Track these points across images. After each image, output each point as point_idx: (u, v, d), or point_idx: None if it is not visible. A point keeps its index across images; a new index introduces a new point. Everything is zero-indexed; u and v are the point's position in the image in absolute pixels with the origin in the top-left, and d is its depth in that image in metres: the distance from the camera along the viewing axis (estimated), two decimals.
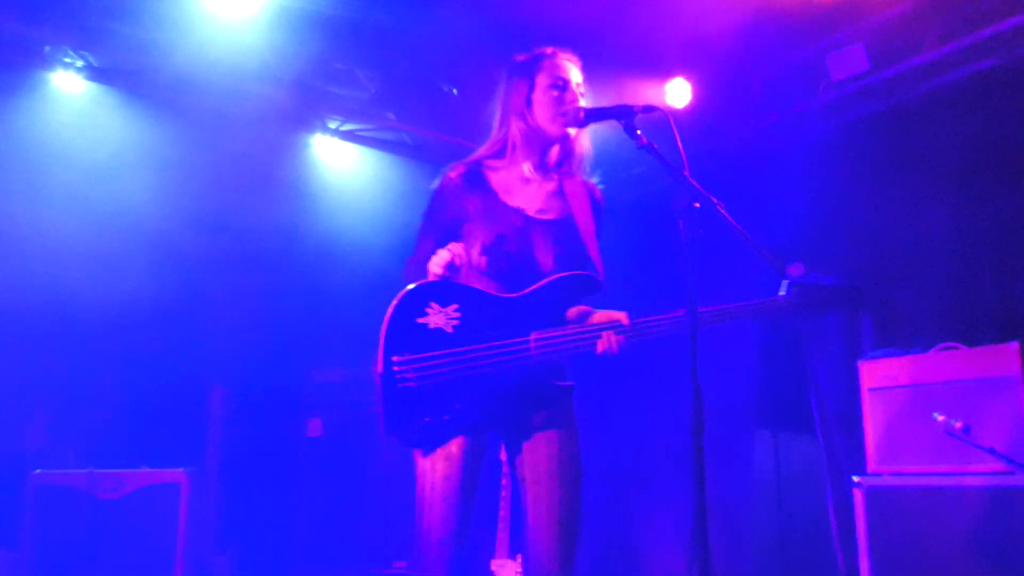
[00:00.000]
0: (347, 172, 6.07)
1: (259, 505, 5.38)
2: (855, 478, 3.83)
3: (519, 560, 4.74)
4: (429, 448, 2.31)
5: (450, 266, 2.31)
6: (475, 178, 2.55)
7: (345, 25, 4.79)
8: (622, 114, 2.36)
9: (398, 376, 2.25)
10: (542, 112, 2.55)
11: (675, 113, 5.10)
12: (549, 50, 2.64)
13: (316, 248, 5.77)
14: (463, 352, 2.30)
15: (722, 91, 5.19)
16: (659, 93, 5.13)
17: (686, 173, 2.22)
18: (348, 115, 5.82)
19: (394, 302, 2.31)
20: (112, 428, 4.83)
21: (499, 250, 2.45)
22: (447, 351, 2.29)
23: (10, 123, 4.86)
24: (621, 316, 2.36)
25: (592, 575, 5.83)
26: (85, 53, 4.96)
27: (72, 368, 4.85)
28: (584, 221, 2.53)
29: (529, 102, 2.58)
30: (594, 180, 2.67)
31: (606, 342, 2.31)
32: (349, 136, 6.00)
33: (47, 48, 4.87)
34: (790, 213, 4.88)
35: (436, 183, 2.58)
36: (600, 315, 2.40)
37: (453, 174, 2.57)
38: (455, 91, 5.50)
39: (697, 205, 2.17)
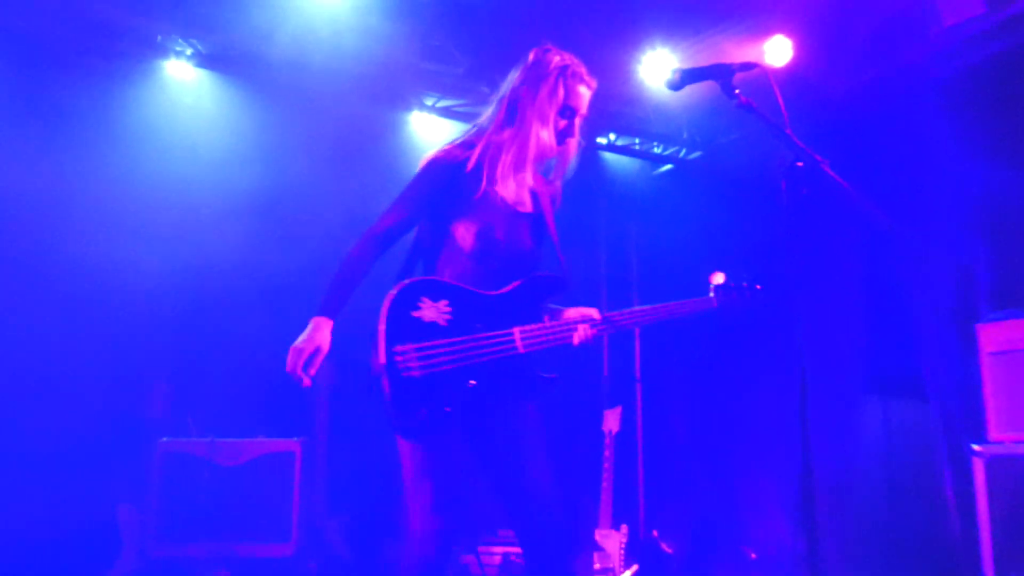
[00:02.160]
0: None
1: (367, 473, 5.55)
2: (975, 447, 3.69)
3: (623, 530, 4.77)
4: (431, 438, 2.34)
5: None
6: (470, 161, 2.54)
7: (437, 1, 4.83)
8: (720, 74, 2.32)
9: (401, 366, 2.29)
10: (549, 128, 2.57)
11: (776, 71, 4.95)
12: (575, 65, 2.62)
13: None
14: (459, 342, 2.36)
15: (825, 46, 5.00)
16: (759, 52, 4.98)
17: (788, 131, 2.16)
18: (444, 91, 5.88)
19: (390, 295, 2.36)
20: (229, 398, 5.08)
21: (488, 236, 2.50)
22: (446, 340, 2.35)
23: (128, 110, 5.13)
24: (593, 312, 2.54)
25: (698, 544, 5.80)
26: (194, 41, 5.17)
27: (192, 342, 5.11)
28: (550, 218, 2.65)
29: (546, 111, 2.57)
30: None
31: (582, 334, 2.46)
32: (446, 112, 6.07)
33: (159, 37, 5.10)
34: (901, 170, 4.68)
35: (429, 156, 2.58)
36: (573, 311, 2.57)
37: (450, 152, 2.57)
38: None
39: (800, 164, 2.12)
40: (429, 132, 6.08)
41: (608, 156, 6.88)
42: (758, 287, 2.65)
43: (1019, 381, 3.66)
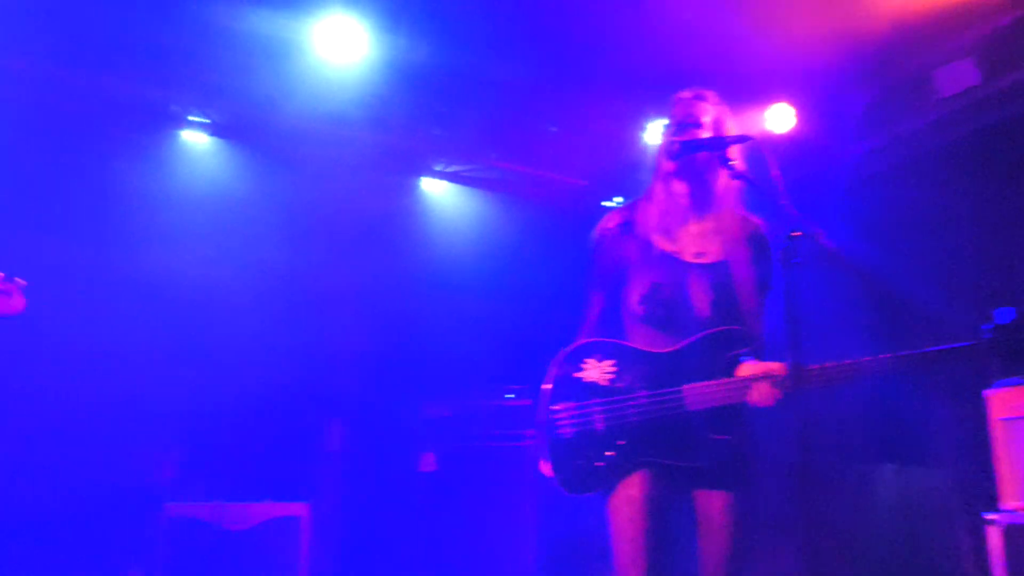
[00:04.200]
0: (454, 211, 6.24)
1: (375, 538, 5.51)
2: (990, 515, 3.62)
3: None
4: (584, 491, 2.42)
5: None
6: (630, 224, 2.60)
7: (444, 70, 4.94)
8: (715, 145, 2.39)
9: (557, 423, 2.41)
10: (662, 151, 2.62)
11: (778, 139, 5.02)
12: (682, 93, 2.66)
13: (427, 285, 5.93)
14: (615, 401, 2.41)
15: (826, 114, 5.08)
16: (761, 119, 5.07)
17: (783, 202, 2.19)
18: (453, 157, 6.00)
19: (557, 357, 2.49)
20: (235, 461, 5.08)
21: (655, 298, 2.50)
22: (599, 400, 2.42)
23: (146, 177, 5.24)
24: (778, 367, 2.27)
25: None
26: (208, 110, 5.31)
27: (201, 404, 5.13)
28: (739, 264, 2.48)
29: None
30: (754, 215, 2.59)
31: (758, 393, 2.28)
32: (455, 177, 6.18)
33: (174, 107, 5.24)
34: (902, 238, 4.70)
35: (593, 234, 2.65)
36: (754, 366, 2.33)
37: (609, 223, 2.64)
38: (554, 128, 5.61)
39: (797, 235, 2.14)
40: (439, 196, 6.19)
41: None
42: None
43: None
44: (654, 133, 5.62)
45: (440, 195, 6.23)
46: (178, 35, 4.62)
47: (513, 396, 5.55)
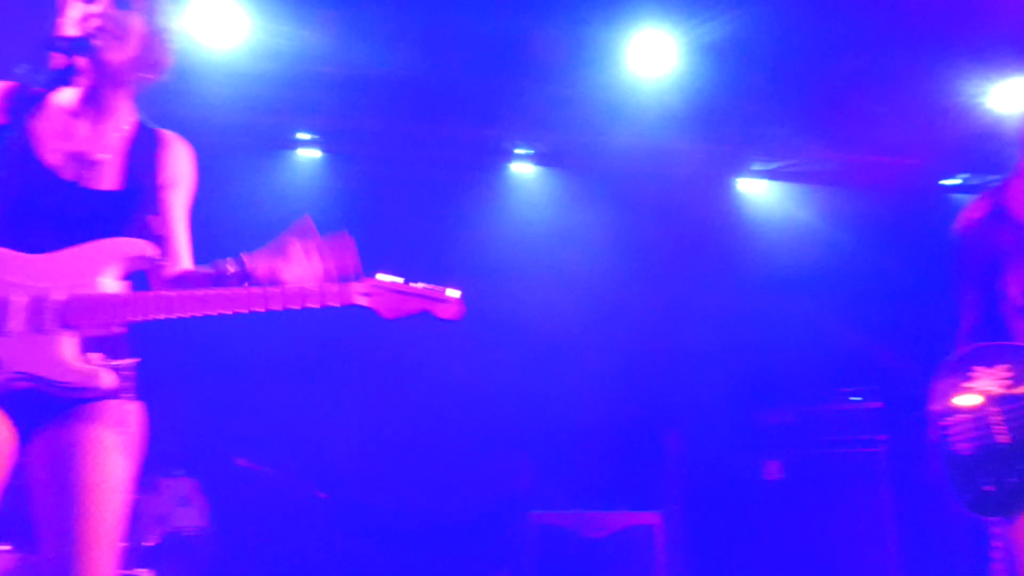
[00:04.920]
0: (776, 208, 6.06)
1: (723, 547, 5.44)
2: None
3: None
4: (1002, 514, 2.17)
5: None
6: (1001, 210, 2.37)
7: (764, 61, 4.82)
8: None
9: (952, 439, 2.23)
10: None
11: None
12: None
13: (756, 287, 5.80)
14: (1016, 409, 2.16)
15: None
16: None
17: None
18: (772, 154, 5.83)
19: (942, 370, 2.30)
20: (583, 470, 5.31)
21: None
22: (997, 409, 2.17)
23: (482, 211, 5.69)
24: None
25: None
26: (534, 142, 5.66)
27: (549, 416, 5.43)
28: None
29: None
30: None
31: None
32: (774, 174, 6.00)
33: (504, 143, 5.65)
34: None
35: (959, 226, 2.44)
36: None
37: (975, 212, 2.42)
38: (882, 108, 5.23)
39: None
40: (758, 195, 6.05)
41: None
42: None
43: None
44: (1003, 98, 5.04)
45: (759, 194, 6.08)
46: (501, 76, 4.98)
47: (860, 399, 5.24)
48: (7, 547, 3.52)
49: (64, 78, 1.73)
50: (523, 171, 5.84)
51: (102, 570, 1.76)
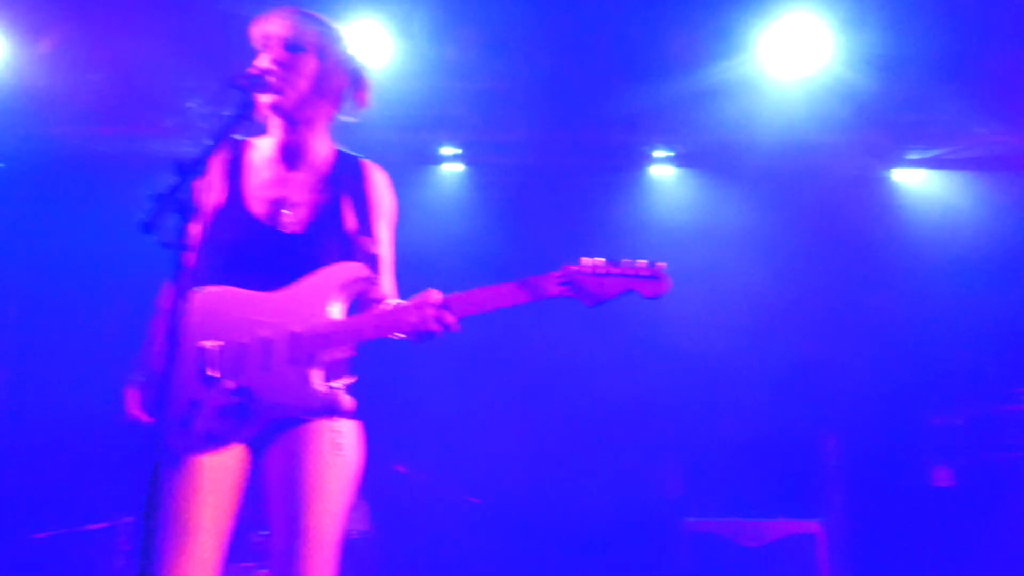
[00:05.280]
0: (936, 199, 5.72)
1: (889, 559, 5.18)
2: None
3: None
4: None
5: None
6: None
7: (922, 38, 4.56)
8: None
9: None
10: None
11: None
12: None
13: (914, 282, 5.50)
14: None
15: None
16: None
17: None
18: (929, 142, 5.51)
19: None
20: (740, 477, 5.17)
21: None
22: None
23: (623, 215, 5.66)
24: None
25: None
26: (673, 144, 5.59)
27: (705, 421, 5.33)
28: None
29: None
30: None
31: None
32: (934, 162, 5.67)
33: (643, 146, 5.61)
34: None
35: None
36: None
37: None
38: None
39: None
40: (916, 185, 5.73)
41: None
42: None
43: None
44: None
45: (917, 185, 5.76)
46: (637, 78, 4.94)
47: None
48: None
49: (245, 115, 1.86)
50: (663, 174, 5.76)
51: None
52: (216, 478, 1.90)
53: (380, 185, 2.16)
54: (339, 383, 1.96)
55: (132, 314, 2.09)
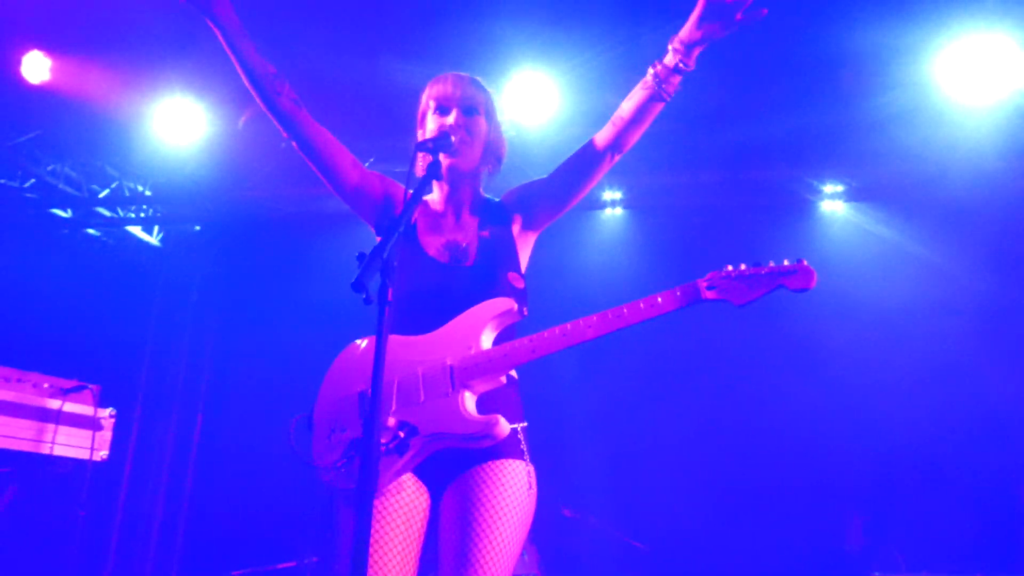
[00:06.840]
0: None
1: None
2: None
3: None
4: None
5: None
6: None
7: None
8: None
9: None
10: None
11: None
12: None
13: None
14: None
15: None
16: None
17: None
18: None
19: None
20: (926, 529, 4.83)
21: None
22: None
23: (793, 252, 5.46)
24: None
25: None
26: (844, 178, 5.39)
27: (890, 469, 5.03)
28: None
29: None
30: None
31: None
32: None
33: (812, 180, 5.44)
34: None
35: None
36: None
37: None
38: None
39: None
40: None
41: None
42: None
43: None
44: None
45: None
46: (804, 111, 4.82)
47: None
48: None
49: (434, 175, 2.02)
50: (833, 208, 5.55)
51: None
52: (392, 519, 1.99)
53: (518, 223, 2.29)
54: (511, 425, 2.03)
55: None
